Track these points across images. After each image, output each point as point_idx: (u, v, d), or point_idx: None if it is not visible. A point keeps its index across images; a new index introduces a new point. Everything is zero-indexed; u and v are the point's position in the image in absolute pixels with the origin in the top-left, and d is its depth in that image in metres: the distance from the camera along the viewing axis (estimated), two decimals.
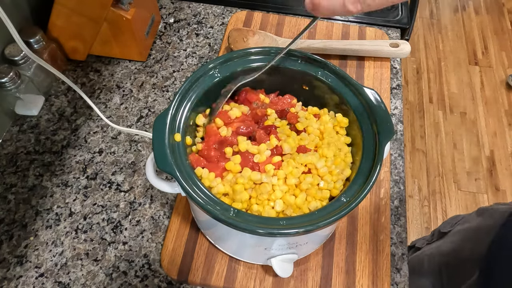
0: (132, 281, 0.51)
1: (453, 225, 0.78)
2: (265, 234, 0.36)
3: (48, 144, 0.61)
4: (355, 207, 0.37)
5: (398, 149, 0.62)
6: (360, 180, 0.40)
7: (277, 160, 0.42)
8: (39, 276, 0.51)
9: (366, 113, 0.44)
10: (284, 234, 0.36)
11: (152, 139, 0.40)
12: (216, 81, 0.46)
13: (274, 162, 0.42)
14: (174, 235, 0.52)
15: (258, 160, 0.42)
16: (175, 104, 0.43)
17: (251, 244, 0.46)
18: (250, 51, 0.47)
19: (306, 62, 0.47)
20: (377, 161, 0.40)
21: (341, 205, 0.38)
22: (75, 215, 0.55)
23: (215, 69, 0.46)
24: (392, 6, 0.79)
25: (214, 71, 0.46)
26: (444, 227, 0.80)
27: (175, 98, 0.43)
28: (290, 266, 0.47)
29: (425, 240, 0.84)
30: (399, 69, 0.70)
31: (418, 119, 1.73)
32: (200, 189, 0.38)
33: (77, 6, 0.59)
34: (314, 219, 0.37)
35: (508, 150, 1.64)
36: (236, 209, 0.37)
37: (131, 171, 0.59)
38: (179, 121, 0.43)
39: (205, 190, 0.39)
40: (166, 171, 0.38)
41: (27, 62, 0.60)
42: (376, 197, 0.56)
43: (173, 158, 0.39)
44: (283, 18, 0.74)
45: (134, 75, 0.69)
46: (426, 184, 1.56)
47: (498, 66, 1.89)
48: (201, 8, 0.77)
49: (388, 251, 0.52)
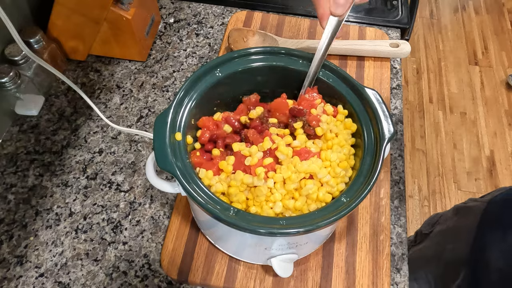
0: (132, 281, 0.51)
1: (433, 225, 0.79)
2: (265, 233, 0.36)
3: (48, 144, 0.61)
4: (355, 207, 0.37)
5: (398, 149, 0.62)
6: (360, 180, 0.40)
7: (268, 162, 0.41)
8: (39, 276, 0.51)
9: (367, 114, 0.44)
10: (284, 234, 0.36)
11: (153, 138, 0.40)
12: (217, 80, 0.46)
13: (266, 164, 0.41)
14: (174, 235, 0.52)
15: (249, 163, 0.41)
16: (176, 103, 0.43)
17: (251, 244, 0.46)
18: (250, 51, 0.47)
19: (308, 62, 0.47)
20: (378, 161, 0.40)
21: (341, 205, 0.38)
22: (75, 215, 0.55)
23: (216, 68, 0.46)
24: (392, 6, 0.79)
25: (216, 70, 0.46)
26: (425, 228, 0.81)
27: (176, 97, 0.43)
28: (290, 266, 0.47)
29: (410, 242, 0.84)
30: (399, 69, 0.70)
31: (418, 119, 1.73)
32: (200, 188, 0.38)
33: (77, 6, 0.59)
34: (314, 219, 0.37)
35: (508, 150, 1.64)
36: (236, 209, 0.37)
37: (131, 171, 0.59)
38: (180, 120, 0.42)
39: (205, 189, 0.39)
40: (166, 170, 0.38)
41: (27, 62, 0.60)
42: (376, 197, 0.56)
43: (174, 157, 0.39)
44: (283, 18, 0.74)
45: (134, 75, 0.69)
46: (426, 184, 1.56)
47: (498, 66, 1.89)
48: (201, 8, 0.77)
49: (388, 251, 0.52)
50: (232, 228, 0.37)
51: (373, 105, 0.43)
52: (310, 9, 0.77)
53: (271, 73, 0.48)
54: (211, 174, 0.41)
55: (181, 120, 0.43)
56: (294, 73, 0.48)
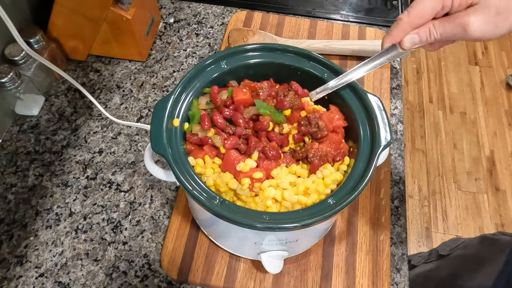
0: (132, 281, 0.51)
1: (452, 248, 0.77)
2: (246, 225, 0.36)
3: (48, 144, 0.61)
4: (340, 210, 0.37)
5: (398, 149, 0.62)
6: (350, 185, 0.39)
7: (257, 176, 0.40)
8: (39, 276, 0.51)
9: (366, 119, 0.43)
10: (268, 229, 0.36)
11: (151, 121, 0.41)
12: (223, 72, 0.46)
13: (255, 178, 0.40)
14: (174, 235, 0.52)
15: (241, 169, 0.41)
16: (178, 90, 0.43)
17: (245, 239, 0.46)
18: (258, 46, 0.47)
19: (314, 62, 0.47)
20: (370, 168, 0.39)
21: (326, 207, 0.38)
22: (75, 215, 0.55)
23: (223, 60, 0.46)
24: (392, 6, 0.79)
25: (222, 62, 0.46)
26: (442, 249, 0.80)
27: (179, 84, 0.43)
28: (280, 262, 0.47)
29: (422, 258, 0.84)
30: (399, 69, 0.70)
31: (418, 119, 1.73)
32: (190, 175, 0.39)
33: (77, 6, 0.59)
34: (296, 217, 0.37)
35: (508, 150, 1.64)
36: (222, 198, 0.38)
37: (131, 171, 0.59)
38: (180, 107, 0.43)
39: (195, 176, 0.39)
40: (159, 154, 0.39)
41: (27, 62, 0.60)
42: (376, 197, 0.56)
43: (168, 142, 0.40)
44: (283, 18, 0.74)
45: (134, 75, 0.69)
46: (426, 184, 1.56)
47: (498, 66, 1.89)
48: (201, 8, 0.77)
49: (388, 251, 0.52)
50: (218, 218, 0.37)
51: (373, 111, 0.43)
52: (310, 9, 0.77)
53: (278, 70, 0.48)
54: (201, 162, 0.42)
55: (181, 107, 0.43)
56: (301, 73, 0.47)
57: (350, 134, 0.46)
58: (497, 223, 1.47)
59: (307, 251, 0.52)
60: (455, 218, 1.48)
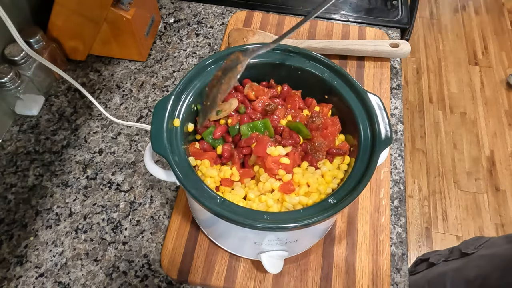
0: (132, 281, 0.51)
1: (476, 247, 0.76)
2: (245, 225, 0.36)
3: (48, 144, 0.61)
4: (340, 210, 0.37)
5: (398, 149, 0.62)
6: (351, 184, 0.39)
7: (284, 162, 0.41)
8: (39, 276, 0.51)
9: (366, 119, 0.43)
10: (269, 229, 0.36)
11: (151, 121, 0.41)
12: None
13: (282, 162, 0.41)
14: (174, 235, 0.52)
15: (270, 152, 0.41)
16: (178, 90, 0.43)
17: (245, 239, 0.46)
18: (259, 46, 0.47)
19: (314, 62, 0.47)
20: (370, 168, 0.39)
21: (327, 207, 0.38)
22: (75, 215, 0.55)
23: (223, 60, 0.46)
24: (392, 6, 0.79)
25: (222, 62, 0.46)
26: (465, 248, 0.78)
27: (180, 84, 0.43)
28: (280, 262, 0.47)
29: (441, 256, 0.82)
30: (399, 69, 0.70)
31: (418, 119, 1.73)
32: (190, 175, 0.39)
33: (77, 6, 0.59)
34: (297, 217, 0.37)
35: (508, 150, 1.64)
36: (223, 199, 0.38)
37: (131, 171, 0.59)
38: (180, 107, 0.43)
39: (195, 176, 0.39)
40: (160, 154, 0.39)
41: (27, 62, 0.60)
42: (376, 197, 0.56)
43: (169, 142, 0.40)
44: (283, 18, 0.74)
45: (134, 75, 0.69)
46: (426, 184, 1.56)
47: (498, 66, 1.89)
48: (201, 8, 0.77)
49: (388, 251, 0.52)
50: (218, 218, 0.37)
51: (374, 111, 0.43)
52: (310, 9, 0.77)
53: (278, 69, 0.48)
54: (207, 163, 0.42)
55: (181, 107, 0.43)
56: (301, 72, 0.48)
57: (350, 134, 0.45)
58: (497, 223, 1.47)
59: (307, 251, 0.52)
60: (455, 218, 1.48)
